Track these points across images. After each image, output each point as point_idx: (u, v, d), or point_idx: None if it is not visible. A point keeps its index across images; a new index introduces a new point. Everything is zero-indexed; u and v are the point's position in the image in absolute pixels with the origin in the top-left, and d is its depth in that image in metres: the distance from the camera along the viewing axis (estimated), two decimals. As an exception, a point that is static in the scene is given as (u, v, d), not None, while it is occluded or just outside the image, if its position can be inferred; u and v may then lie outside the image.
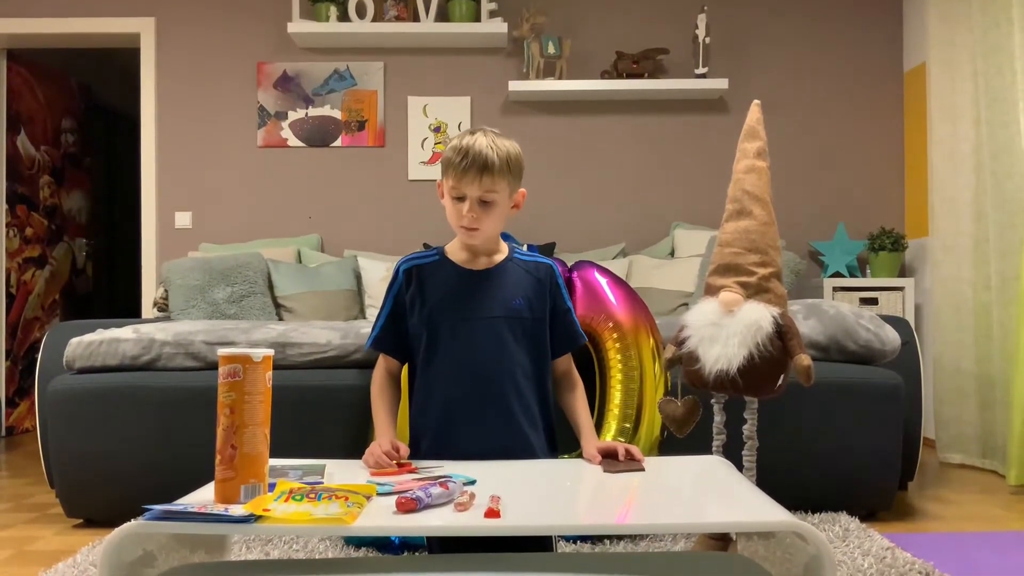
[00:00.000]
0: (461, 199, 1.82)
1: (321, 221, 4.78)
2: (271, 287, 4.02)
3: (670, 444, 2.45)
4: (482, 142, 1.80)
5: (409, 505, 1.32)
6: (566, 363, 1.99)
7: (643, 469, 1.66)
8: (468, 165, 1.78)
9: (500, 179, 1.81)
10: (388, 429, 1.83)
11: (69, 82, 5.65)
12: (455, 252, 1.93)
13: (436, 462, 1.71)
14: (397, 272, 1.92)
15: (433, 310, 1.86)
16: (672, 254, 4.38)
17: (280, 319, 3.95)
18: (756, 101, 2.18)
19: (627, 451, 1.76)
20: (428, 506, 1.34)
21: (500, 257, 1.94)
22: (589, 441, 1.86)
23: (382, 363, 1.94)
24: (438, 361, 1.86)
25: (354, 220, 4.77)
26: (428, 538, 1.91)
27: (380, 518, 1.30)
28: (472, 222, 1.81)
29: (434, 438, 1.85)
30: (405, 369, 1.98)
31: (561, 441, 1.99)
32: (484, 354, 1.84)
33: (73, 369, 2.83)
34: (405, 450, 1.72)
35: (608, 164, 4.77)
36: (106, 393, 2.73)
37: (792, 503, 1.64)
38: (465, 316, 1.85)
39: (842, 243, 4.48)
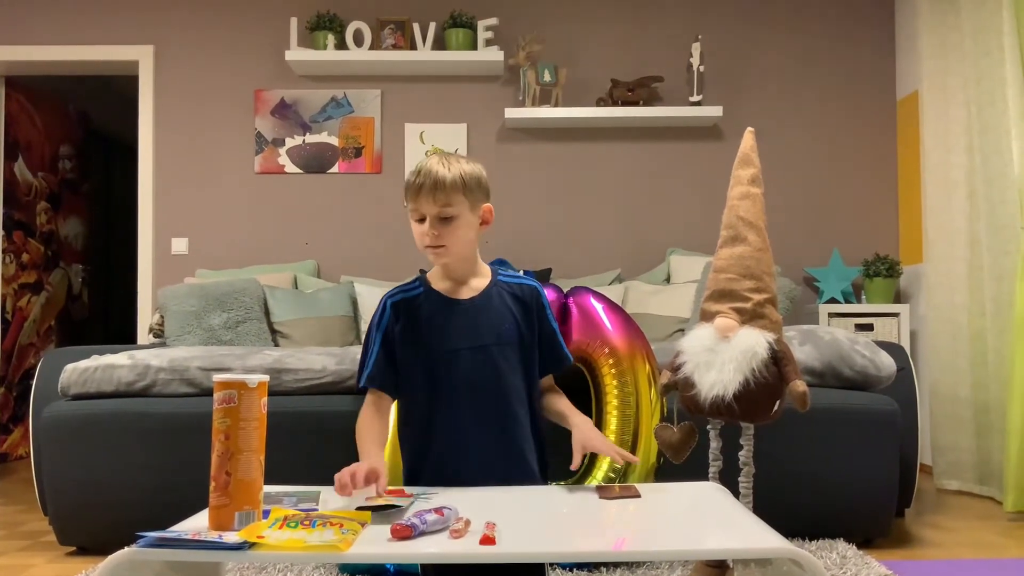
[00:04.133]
0: (421, 220, 1.84)
1: (318, 247, 4.79)
2: (267, 313, 4.02)
3: (666, 470, 2.44)
4: (433, 161, 1.85)
5: (404, 532, 1.31)
6: (549, 380, 2.01)
7: (639, 495, 1.66)
8: (420, 183, 1.82)
9: (454, 194, 1.82)
10: (372, 454, 1.73)
11: (67, 109, 5.68)
12: (438, 281, 1.93)
13: (432, 489, 1.71)
14: (384, 307, 1.91)
15: (425, 343, 1.86)
16: (668, 280, 4.39)
17: (276, 345, 3.95)
18: (750, 128, 2.20)
19: (619, 454, 1.79)
20: (423, 533, 1.34)
21: (484, 282, 1.93)
22: (582, 429, 1.85)
23: (371, 399, 1.88)
24: (433, 393, 1.85)
25: (351, 246, 4.78)
26: (423, 566, 1.90)
27: (375, 545, 1.30)
28: (434, 240, 1.82)
29: (435, 469, 1.84)
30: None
31: (552, 466, 1.99)
32: (479, 382, 1.84)
33: (68, 395, 2.82)
34: (383, 480, 1.60)
35: (603, 190, 4.80)
36: (101, 420, 2.72)
37: (788, 530, 1.63)
38: (457, 346, 1.85)
39: (837, 269, 4.50)
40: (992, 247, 3.61)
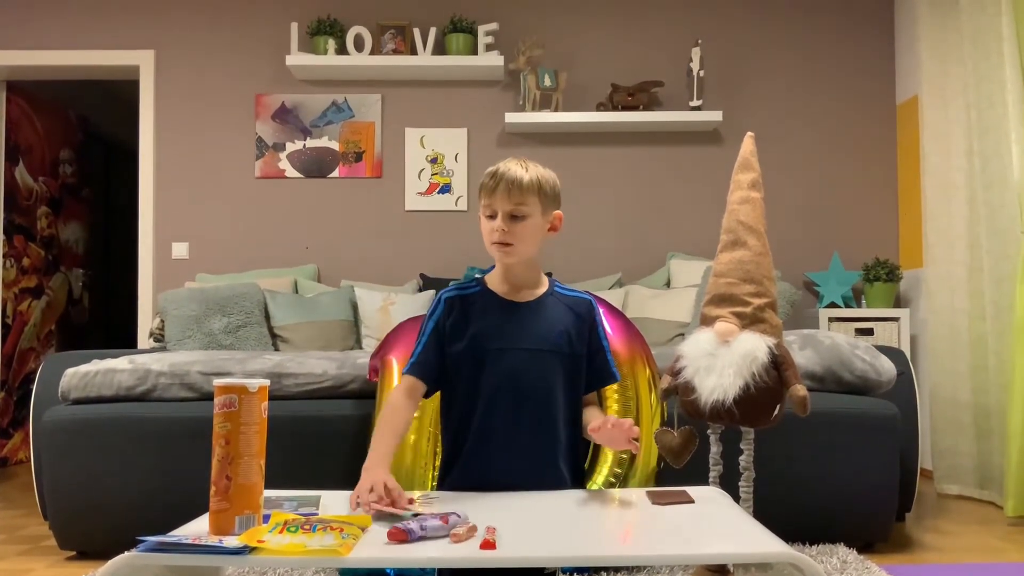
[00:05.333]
0: (493, 216, 1.85)
1: (318, 251, 4.79)
2: (267, 317, 4.02)
3: (667, 475, 2.44)
4: (512, 163, 1.88)
5: (400, 536, 1.31)
6: (593, 397, 2.02)
7: (692, 501, 1.66)
8: (497, 182, 1.84)
9: (529, 195, 1.85)
10: (384, 460, 1.73)
11: (68, 113, 5.68)
12: (496, 284, 1.95)
13: (433, 493, 1.71)
14: (439, 300, 1.94)
15: (476, 339, 1.87)
16: (668, 284, 4.39)
17: (276, 349, 3.95)
18: (750, 133, 2.20)
19: (629, 429, 1.76)
20: (422, 538, 1.34)
21: (541, 290, 1.95)
22: (593, 416, 1.88)
23: (405, 384, 1.90)
24: (477, 389, 1.87)
25: (351, 250, 4.78)
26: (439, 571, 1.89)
27: (375, 549, 1.30)
28: (503, 236, 1.83)
29: (466, 464, 1.86)
30: (436, 400, 1.98)
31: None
32: (524, 384, 1.85)
33: (68, 400, 2.82)
34: (398, 491, 1.58)
35: (604, 195, 4.80)
36: (101, 424, 2.72)
37: (789, 534, 1.63)
38: (507, 346, 1.86)
39: (837, 274, 4.50)
40: (992, 251, 3.61)
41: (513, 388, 1.85)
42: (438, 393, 1.98)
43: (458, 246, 4.67)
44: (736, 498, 1.90)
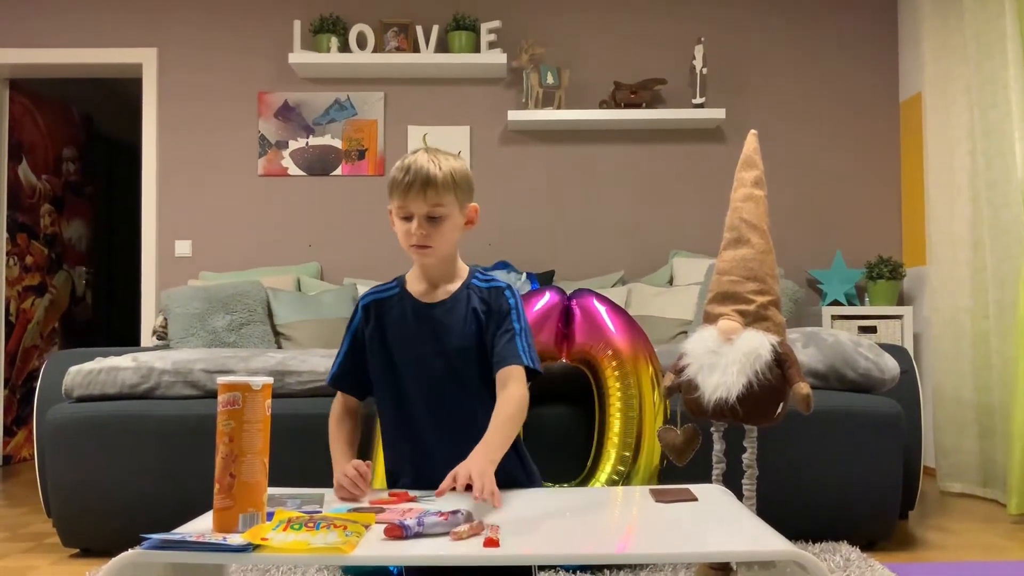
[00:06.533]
0: (408, 218, 1.80)
1: (321, 249, 4.79)
2: (270, 315, 4.03)
3: (670, 473, 2.44)
4: (423, 158, 1.78)
5: (395, 532, 1.31)
6: (505, 376, 1.79)
7: (695, 499, 1.65)
8: (411, 181, 1.76)
9: (445, 193, 1.77)
10: (346, 456, 1.80)
11: (71, 111, 5.69)
12: (414, 283, 1.90)
13: (430, 493, 1.70)
14: (357, 308, 1.91)
15: (391, 348, 1.84)
16: (671, 282, 4.39)
17: (279, 347, 3.95)
18: (753, 131, 2.20)
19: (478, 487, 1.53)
20: (420, 535, 1.33)
21: (457, 284, 1.90)
22: (468, 459, 1.62)
23: (340, 399, 1.92)
24: (401, 398, 1.84)
25: (354, 248, 4.78)
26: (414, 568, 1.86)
27: (378, 547, 1.30)
28: (421, 239, 1.78)
29: (412, 475, 1.83)
30: None
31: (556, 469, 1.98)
32: (443, 388, 1.81)
33: (72, 397, 2.82)
34: (367, 472, 1.68)
35: (607, 193, 4.80)
36: (105, 422, 2.72)
37: (792, 532, 1.63)
38: (421, 352, 1.82)
39: (840, 271, 4.49)
40: (995, 250, 3.60)
41: (436, 393, 1.80)
42: None
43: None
44: (739, 496, 1.90)
